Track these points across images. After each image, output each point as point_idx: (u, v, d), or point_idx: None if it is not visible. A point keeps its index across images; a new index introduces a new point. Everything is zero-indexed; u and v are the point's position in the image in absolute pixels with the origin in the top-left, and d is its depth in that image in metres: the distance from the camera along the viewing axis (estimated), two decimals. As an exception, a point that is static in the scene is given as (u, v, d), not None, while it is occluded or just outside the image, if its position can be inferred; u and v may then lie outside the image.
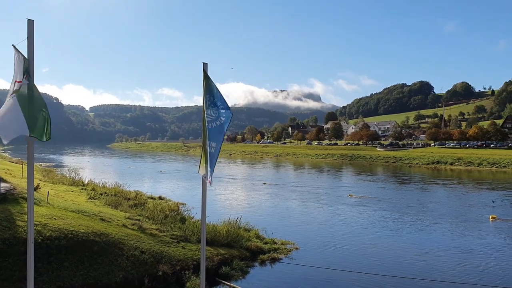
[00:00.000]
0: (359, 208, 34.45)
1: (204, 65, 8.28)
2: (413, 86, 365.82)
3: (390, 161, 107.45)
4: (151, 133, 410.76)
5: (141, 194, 33.05)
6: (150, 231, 18.00)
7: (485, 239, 24.28)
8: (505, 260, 20.04)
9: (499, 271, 18.35)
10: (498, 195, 44.60)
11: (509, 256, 20.73)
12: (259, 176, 67.67)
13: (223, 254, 17.96)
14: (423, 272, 17.89)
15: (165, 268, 15.21)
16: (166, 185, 50.42)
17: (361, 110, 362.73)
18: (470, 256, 20.59)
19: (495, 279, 17.15)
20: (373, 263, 19.27)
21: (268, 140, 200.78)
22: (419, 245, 22.72)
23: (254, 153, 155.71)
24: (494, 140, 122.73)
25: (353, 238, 24.35)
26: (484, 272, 18.19)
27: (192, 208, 27.61)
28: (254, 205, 36.25)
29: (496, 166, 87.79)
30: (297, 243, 21.58)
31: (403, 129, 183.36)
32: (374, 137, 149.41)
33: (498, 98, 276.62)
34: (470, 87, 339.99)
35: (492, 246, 22.63)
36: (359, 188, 50.19)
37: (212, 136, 8.11)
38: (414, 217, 31.07)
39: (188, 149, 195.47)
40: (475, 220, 29.80)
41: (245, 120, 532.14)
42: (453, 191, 49.32)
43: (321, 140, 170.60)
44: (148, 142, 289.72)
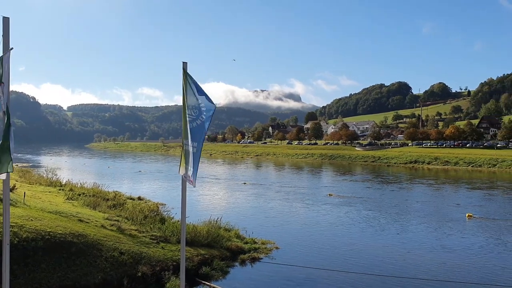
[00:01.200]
0: (339, 207, 34.77)
1: (184, 64, 8.24)
2: (391, 87, 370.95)
3: (368, 161, 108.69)
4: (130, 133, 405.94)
5: (120, 195, 32.72)
6: (129, 232, 17.84)
7: (462, 237, 24.77)
8: (481, 257, 20.47)
9: (476, 268, 18.76)
10: (473, 194, 45.57)
11: (486, 253, 21.18)
12: (239, 176, 67.66)
13: (203, 254, 17.92)
14: (402, 270, 18.18)
15: (145, 269, 15.11)
16: (145, 186, 50.02)
17: (340, 110, 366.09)
18: (448, 254, 20.99)
19: (473, 276, 17.53)
20: (352, 261, 19.48)
21: (248, 140, 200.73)
22: (398, 243, 23.07)
23: (235, 153, 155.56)
24: (470, 139, 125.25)
25: (332, 237, 24.57)
26: (462, 269, 18.56)
27: (172, 209, 27.45)
28: (234, 205, 36.25)
29: (472, 165, 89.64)
30: (277, 243, 21.66)
31: (381, 129, 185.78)
32: (353, 137, 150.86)
33: (474, 99, 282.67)
34: (447, 88, 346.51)
35: (469, 243, 23.09)
36: (338, 188, 50.64)
37: (193, 136, 8.07)
38: (392, 216, 31.51)
39: (168, 149, 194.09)
40: (452, 219, 30.37)
41: (226, 120, 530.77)
42: (430, 190, 50.18)
43: (301, 140, 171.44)
44: (127, 142, 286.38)
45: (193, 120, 8.07)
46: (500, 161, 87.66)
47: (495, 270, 18.57)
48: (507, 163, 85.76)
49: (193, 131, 8.08)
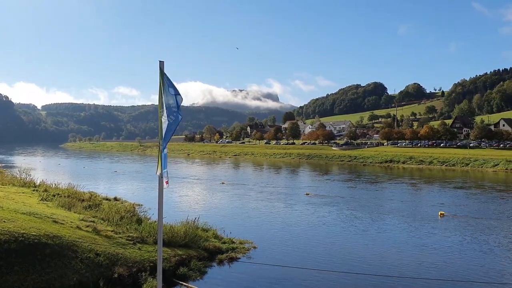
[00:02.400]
0: (316, 207, 35.07)
1: (160, 64, 8.21)
2: (367, 87, 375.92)
3: (345, 160, 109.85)
4: (106, 133, 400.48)
5: (95, 195, 32.22)
6: (105, 233, 17.64)
7: (436, 234, 25.30)
8: (454, 254, 20.96)
9: (446, 264, 19.20)
10: (446, 193, 46.59)
11: (458, 250, 21.68)
12: (217, 175, 67.52)
13: (181, 254, 17.86)
14: (379, 268, 18.48)
15: (121, 270, 14.97)
16: (122, 186, 49.46)
17: (317, 110, 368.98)
18: (423, 251, 21.43)
19: (444, 273, 17.93)
20: (329, 260, 19.71)
21: (227, 139, 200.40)
22: (373, 242, 23.44)
23: (213, 152, 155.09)
24: (444, 139, 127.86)
25: (310, 236, 24.78)
26: (436, 266, 18.97)
27: (149, 209, 27.23)
28: (212, 205, 36.19)
29: (445, 164, 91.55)
30: (255, 242, 21.74)
31: (357, 128, 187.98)
32: (330, 137, 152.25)
33: (448, 99, 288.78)
34: (422, 88, 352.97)
35: (442, 241, 23.61)
36: (315, 187, 51.07)
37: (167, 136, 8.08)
38: (369, 214, 31.95)
39: (144, 149, 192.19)
40: (426, 217, 30.98)
41: (204, 120, 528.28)
42: (405, 189, 51.06)
43: (279, 140, 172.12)
44: (103, 141, 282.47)
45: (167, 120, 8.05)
46: (472, 161, 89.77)
47: (465, 266, 19.04)
48: (479, 162, 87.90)
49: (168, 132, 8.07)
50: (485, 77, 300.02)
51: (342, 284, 16.56)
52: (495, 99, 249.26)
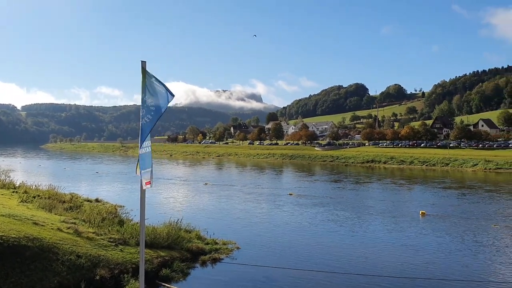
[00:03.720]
0: (299, 207, 35.26)
1: (142, 63, 8.17)
2: (349, 88, 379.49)
3: (327, 160, 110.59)
4: (88, 134, 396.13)
5: (77, 197, 31.86)
6: (87, 235, 17.48)
7: (417, 234, 25.65)
8: (436, 253, 21.27)
9: (431, 263, 19.49)
10: (427, 192, 47.28)
11: (439, 249, 22.02)
12: (201, 176, 67.32)
13: (163, 256, 17.78)
14: (362, 267, 18.68)
15: (103, 272, 14.85)
16: (103, 187, 48.96)
17: (300, 111, 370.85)
18: (405, 251, 21.71)
19: (428, 272, 18.21)
20: (312, 260, 19.84)
21: (210, 140, 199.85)
22: (357, 241, 23.67)
23: (196, 153, 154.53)
24: (424, 139, 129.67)
25: (293, 236, 24.91)
26: (418, 265, 19.23)
27: (131, 210, 26.99)
28: (195, 206, 36.08)
29: (426, 164, 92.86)
30: (238, 243, 21.76)
31: (339, 129, 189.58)
32: (313, 137, 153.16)
33: (428, 100, 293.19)
34: (402, 89, 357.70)
35: (424, 240, 23.95)
36: (299, 187, 51.32)
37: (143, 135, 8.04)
38: (351, 214, 32.24)
39: (126, 149, 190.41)
40: (407, 216, 31.39)
41: (187, 120, 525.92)
42: (387, 189, 51.65)
43: (263, 140, 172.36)
44: (84, 142, 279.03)
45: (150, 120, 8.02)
46: (452, 160, 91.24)
47: (447, 265, 19.37)
48: (459, 162, 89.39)
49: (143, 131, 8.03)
50: (465, 78, 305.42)
51: (325, 284, 16.69)
52: (474, 100, 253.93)
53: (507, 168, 79.99)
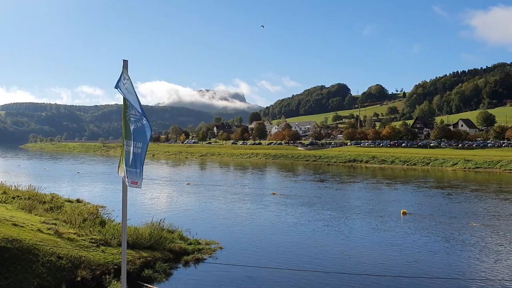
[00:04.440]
0: (282, 206, 35.38)
1: (124, 62, 8.12)
2: (331, 88, 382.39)
3: (310, 160, 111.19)
4: (68, 133, 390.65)
5: (57, 197, 31.44)
6: (68, 236, 17.28)
7: (399, 232, 25.94)
8: (417, 251, 21.55)
9: (413, 262, 19.76)
10: (408, 191, 47.92)
11: (421, 247, 22.32)
12: (183, 176, 67.02)
13: (146, 256, 17.68)
14: (345, 266, 18.84)
15: (84, 273, 14.70)
16: (85, 188, 48.39)
17: (283, 110, 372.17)
18: (387, 249, 21.94)
19: (411, 270, 18.44)
20: (295, 259, 19.94)
21: (193, 140, 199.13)
22: (340, 240, 23.86)
23: (179, 153, 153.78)
24: (405, 139, 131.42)
25: (276, 235, 24.99)
26: (400, 263, 19.46)
27: (113, 211, 26.79)
28: (178, 206, 35.92)
29: (407, 164, 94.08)
30: (221, 243, 21.74)
31: (322, 129, 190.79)
32: (296, 137, 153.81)
33: (409, 100, 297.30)
34: (384, 90, 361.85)
35: (406, 239, 24.23)
36: (282, 186, 51.49)
37: (136, 136, 7.97)
38: (334, 213, 32.47)
39: (108, 149, 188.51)
40: (389, 215, 31.74)
41: (169, 120, 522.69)
42: (368, 188, 52.17)
43: (246, 140, 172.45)
44: (65, 142, 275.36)
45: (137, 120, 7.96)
46: (433, 160, 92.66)
47: (429, 263, 19.67)
48: (439, 161, 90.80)
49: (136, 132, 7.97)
50: (445, 79, 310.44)
51: (308, 283, 16.78)
52: (454, 100, 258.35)
53: (485, 168, 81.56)
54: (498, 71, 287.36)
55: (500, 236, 24.98)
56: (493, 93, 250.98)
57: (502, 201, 39.73)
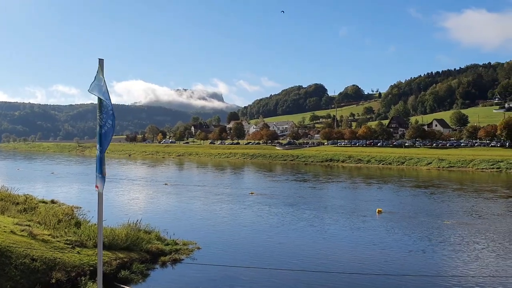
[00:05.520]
0: (260, 206, 35.48)
1: (100, 61, 8.04)
2: (308, 89, 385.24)
3: (288, 159, 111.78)
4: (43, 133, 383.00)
5: (31, 198, 30.83)
6: (42, 237, 16.98)
7: (375, 231, 26.33)
8: (393, 249, 21.90)
9: (388, 260, 20.09)
10: (383, 190, 48.67)
11: (396, 245, 22.70)
12: (160, 176, 66.52)
13: (122, 258, 17.52)
14: (322, 265, 19.02)
15: (59, 275, 14.48)
16: (59, 188, 47.53)
17: (261, 110, 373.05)
18: (363, 247, 22.24)
19: (387, 268, 18.73)
20: (273, 258, 20.03)
21: (170, 139, 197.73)
22: (316, 239, 24.06)
23: (156, 153, 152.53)
24: (380, 139, 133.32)
25: (254, 235, 25.06)
26: (377, 261, 19.75)
27: (88, 212, 26.43)
28: (155, 207, 35.66)
29: (382, 163, 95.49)
30: (199, 243, 21.68)
31: (299, 129, 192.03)
32: (274, 137, 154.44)
33: (385, 100, 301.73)
34: (360, 90, 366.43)
35: (381, 237, 24.60)
36: (260, 186, 51.61)
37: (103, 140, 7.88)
38: (311, 212, 32.72)
39: (83, 149, 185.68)
40: (365, 214, 32.18)
41: (146, 119, 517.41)
42: (345, 187, 52.78)
43: (224, 140, 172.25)
44: (39, 142, 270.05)
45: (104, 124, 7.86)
46: (407, 159, 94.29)
47: (404, 261, 20.03)
48: (414, 161, 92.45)
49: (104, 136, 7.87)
50: (419, 79, 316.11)
51: (285, 281, 16.90)
52: (428, 101, 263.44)
53: (459, 167, 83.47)
54: (470, 72, 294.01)
55: (473, 234, 25.60)
56: (466, 94, 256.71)
57: (475, 200, 40.73)
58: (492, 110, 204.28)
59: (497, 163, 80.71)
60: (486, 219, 30.32)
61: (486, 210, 34.44)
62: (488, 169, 78.84)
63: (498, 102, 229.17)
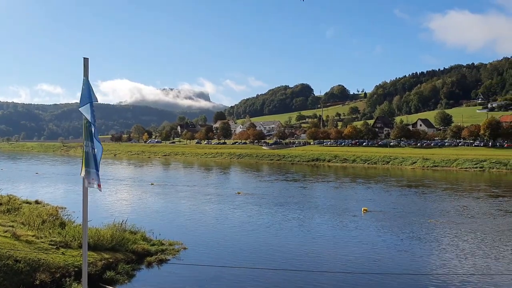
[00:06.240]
0: (247, 205, 35.50)
1: (84, 61, 8.02)
2: (295, 88, 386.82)
3: (274, 159, 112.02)
4: (27, 133, 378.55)
5: (14, 199, 30.40)
6: (26, 238, 16.80)
7: (361, 230, 26.52)
8: (378, 248, 22.08)
9: (374, 258, 20.27)
10: (369, 189, 49.06)
11: (381, 244, 22.90)
12: (146, 176, 66.15)
13: (107, 258, 17.41)
14: (309, 264, 19.13)
15: (43, 276, 14.35)
16: (44, 189, 46.96)
17: (248, 110, 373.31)
18: (349, 246, 22.42)
19: (373, 266, 18.89)
20: (260, 258, 20.08)
21: (156, 139, 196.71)
22: (304, 238, 24.16)
23: (141, 153, 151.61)
24: (366, 138, 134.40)
25: (241, 235, 25.06)
26: (363, 260, 19.87)
27: (73, 212, 26.16)
28: (141, 207, 35.46)
29: (368, 162, 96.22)
30: (185, 243, 21.63)
31: (286, 128, 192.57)
32: (260, 136, 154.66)
33: (370, 100, 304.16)
34: (346, 90, 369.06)
35: (367, 236, 24.79)
36: (247, 186, 51.64)
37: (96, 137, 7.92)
38: (298, 212, 32.85)
39: (68, 149, 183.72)
40: (350, 213, 32.39)
41: (132, 119, 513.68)
42: (331, 186, 53.08)
43: (210, 140, 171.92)
44: (22, 142, 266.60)
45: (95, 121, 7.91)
46: (392, 159, 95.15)
47: (390, 259, 20.22)
48: (399, 160, 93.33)
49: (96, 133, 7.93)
50: (404, 80, 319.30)
51: (272, 281, 16.94)
52: (413, 101, 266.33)
53: (443, 166, 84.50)
54: (454, 72, 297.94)
55: (457, 232, 25.96)
56: (450, 94, 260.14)
57: (459, 198, 41.30)
58: (475, 110, 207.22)
59: (480, 163, 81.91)
60: (471, 218, 30.77)
61: (471, 209, 34.93)
62: (471, 169, 79.97)
63: (481, 102, 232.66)
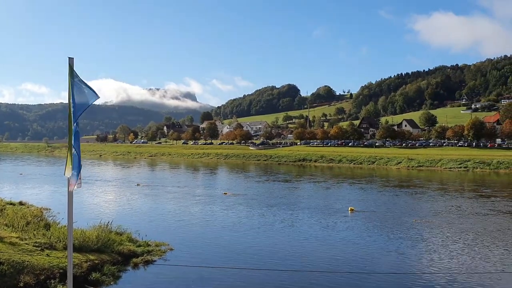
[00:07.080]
0: (234, 206, 35.50)
1: (70, 60, 7.95)
2: (282, 89, 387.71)
3: (261, 159, 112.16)
4: (10, 133, 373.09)
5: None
6: (10, 240, 16.61)
7: (347, 229, 26.71)
8: (365, 247, 22.25)
9: (361, 258, 20.44)
10: (355, 189, 49.42)
11: (368, 244, 23.09)
12: (132, 177, 65.74)
13: (93, 260, 17.29)
14: (296, 264, 19.26)
15: (28, 278, 14.20)
16: (28, 190, 46.38)
17: (235, 110, 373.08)
18: (336, 246, 22.57)
19: (360, 266, 19.07)
20: (246, 258, 20.13)
21: (142, 140, 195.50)
22: (291, 238, 24.25)
23: (127, 153, 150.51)
24: (352, 139, 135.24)
25: (227, 235, 25.07)
26: (349, 259, 20.04)
27: (58, 213, 25.94)
28: (126, 208, 35.24)
29: (354, 162, 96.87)
30: (172, 244, 21.58)
31: (273, 129, 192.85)
32: (247, 137, 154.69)
33: (356, 101, 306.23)
34: (332, 91, 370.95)
35: (353, 235, 24.99)
36: (233, 186, 51.63)
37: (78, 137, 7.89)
38: (285, 212, 32.94)
39: (52, 150, 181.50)
40: (337, 213, 32.60)
41: (117, 119, 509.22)
42: (318, 186, 53.32)
43: (197, 140, 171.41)
44: (6, 142, 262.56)
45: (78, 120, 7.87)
46: (378, 159, 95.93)
47: (377, 258, 20.41)
48: (384, 160, 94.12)
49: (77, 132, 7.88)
50: (390, 80, 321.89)
51: (259, 281, 16.98)
52: (398, 101, 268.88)
53: (427, 166, 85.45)
54: (439, 73, 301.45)
55: (441, 231, 26.31)
56: (435, 95, 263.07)
57: (443, 198, 41.84)
58: (459, 110, 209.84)
59: (464, 163, 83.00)
60: (456, 217, 31.19)
61: (456, 208, 35.41)
62: (456, 168, 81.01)
63: (465, 103, 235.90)
